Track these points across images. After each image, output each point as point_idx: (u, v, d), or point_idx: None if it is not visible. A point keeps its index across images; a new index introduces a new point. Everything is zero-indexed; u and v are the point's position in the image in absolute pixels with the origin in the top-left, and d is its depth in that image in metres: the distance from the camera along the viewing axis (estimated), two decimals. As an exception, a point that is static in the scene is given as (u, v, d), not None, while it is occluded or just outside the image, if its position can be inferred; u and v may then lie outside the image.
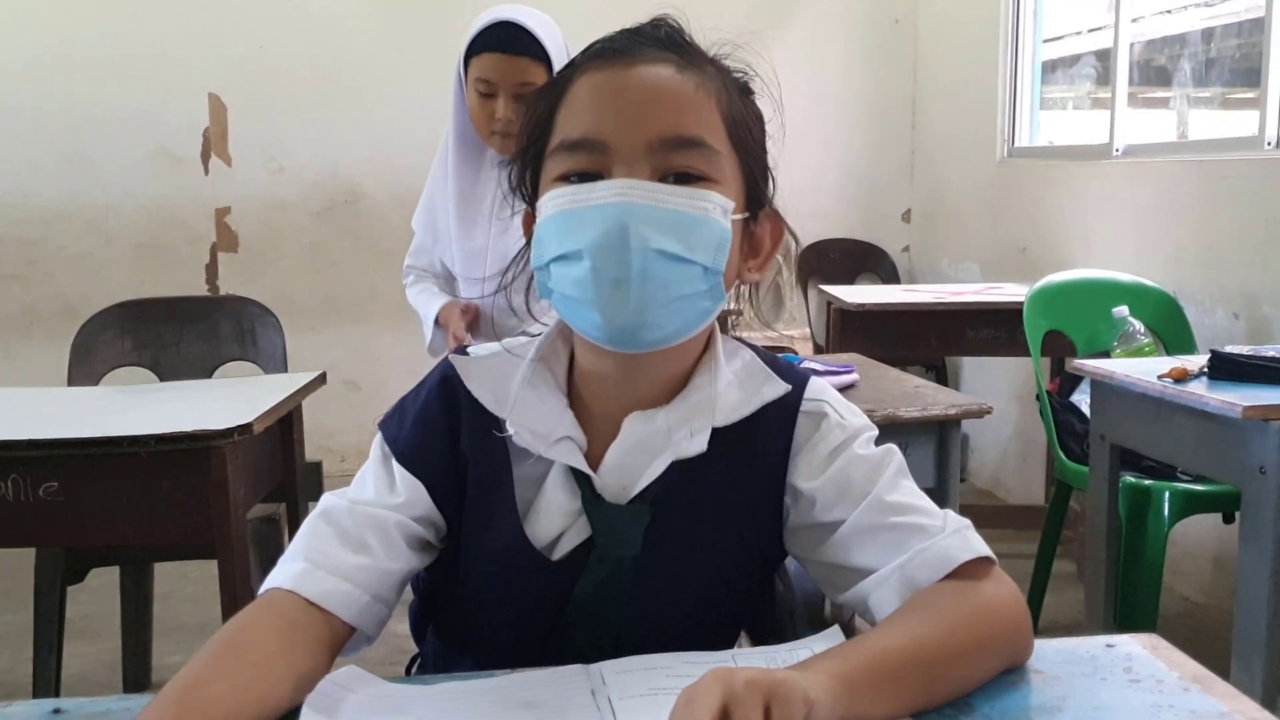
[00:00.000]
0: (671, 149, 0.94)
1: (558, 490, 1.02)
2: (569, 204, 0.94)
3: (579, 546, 1.01)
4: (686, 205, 0.93)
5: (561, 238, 0.94)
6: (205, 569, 2.03)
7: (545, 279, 0.98)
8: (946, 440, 2.12)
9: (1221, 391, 2.05)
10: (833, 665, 0.82)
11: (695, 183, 0.95)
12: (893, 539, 0.97)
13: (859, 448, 1.03)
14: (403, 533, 1.00)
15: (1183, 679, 0.91)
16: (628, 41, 0.99)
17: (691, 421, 1.01)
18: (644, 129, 0.94)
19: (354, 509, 1.00)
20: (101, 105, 4.63)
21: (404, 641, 1.21)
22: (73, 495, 1.94)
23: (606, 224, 0.92)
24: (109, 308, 2.80)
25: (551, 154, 0.97)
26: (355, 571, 0.96)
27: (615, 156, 0.94)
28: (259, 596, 0.95)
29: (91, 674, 2.91)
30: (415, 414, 1.05)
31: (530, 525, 1.02)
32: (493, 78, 2.14)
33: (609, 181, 0.93)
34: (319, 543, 0.97)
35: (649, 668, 0.90)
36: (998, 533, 3.79)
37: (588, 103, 0.96)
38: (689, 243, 0.93)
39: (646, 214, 0.92)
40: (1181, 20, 3.87)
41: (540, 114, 1.00)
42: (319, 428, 4.34)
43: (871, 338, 3.47)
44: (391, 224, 4.82)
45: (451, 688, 0.90)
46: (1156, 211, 3.46)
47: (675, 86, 0.96)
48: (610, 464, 1.01)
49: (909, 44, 5.17)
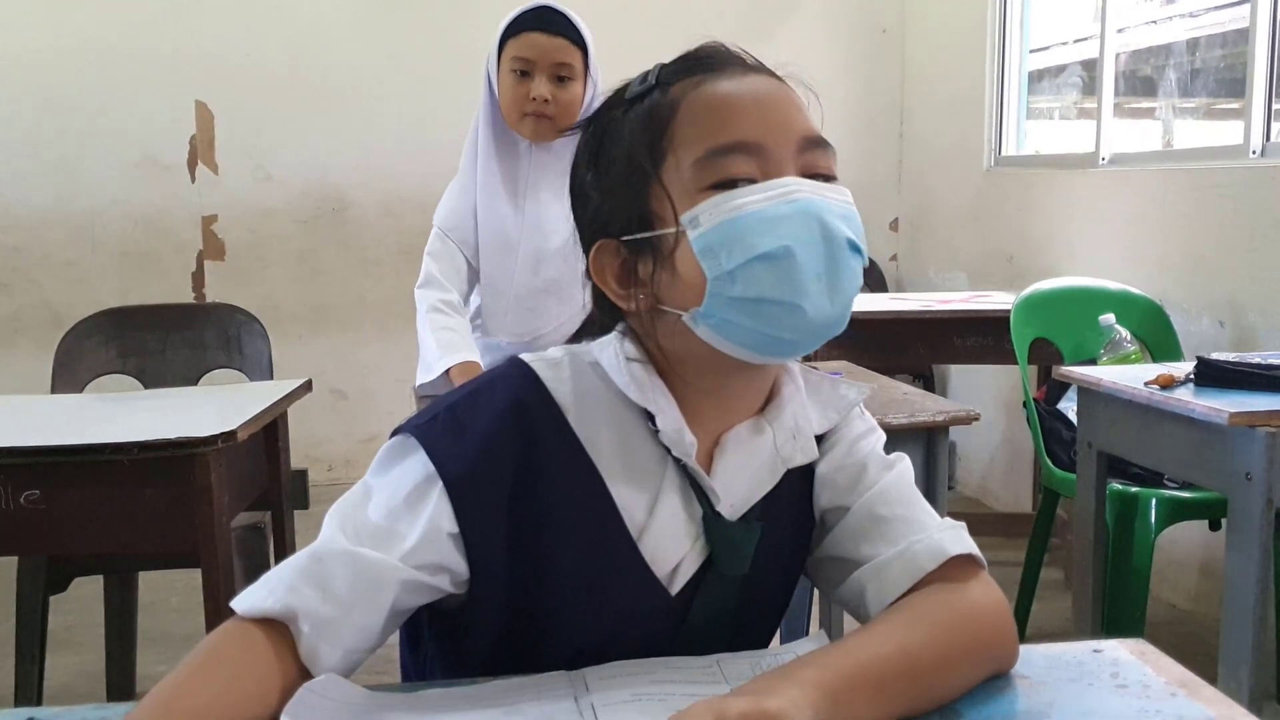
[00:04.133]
0: (812, 149, 0.95)
1: (676, 508, 0.96)
2: (749, 205, 0.91)
3: (696, 570, 0.97)
4: (846, 201, 0.95)
5: (755, 240, 0.90)
6: (190, 578, 2.02)
7: (725, 287, 0.90)
8: (934, 447, 2.11)
9: (1208, 398, 2.05)
10: (817, 674, 0.81)
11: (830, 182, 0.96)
12: (891, 530, 0.98)
13: (874, 438, 1.05)
14: (405, 591, 0.89)
15: (1169, 684, 0.90)
16: (715, 59, 0.98)
17: (794, 430, 1.00)
18: (791, 130, 0.94)
19: (355, 560, 0.88)
20: (88, 112, 4.61)
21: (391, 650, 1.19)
22: (55, 503, 1.93)
23: (802, 219, 0.90)
24: (93, 315, 2.79)
25: (694, 164, 0.93)
26: (342, 630, 0.87)
27: (769, 157, 0.93)
28: (233, 615, 0.89)
29: (74, 684, 2.89)
30: (480, 439, 0.92)
31: (646, 550, 0.95)
32: (532, 55, 2.19)
33: (780, 180, 0.92)
34: (307, 589, 0.87)
35: (632, 674, 0.90)
36: (985, 540, 3.73)
37: (727, 109, 0.94)
38: (859, 234, 0.94)
39: (832, 207, 0.92)
40: (1167, 31, 3.89)
41: (643, 138, 0.95)
42: (306, 436, 4.33)
43: (859, 346, 3.46)
44: (379, 232, 4.82)
45: (433, 695, 0.89)
46: (1143, 220, 3.47)
47: (790, 92, 0.98)
48: (723, 477, 0.97)
49: (896, 53, 5.18)
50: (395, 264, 4.74)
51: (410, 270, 2.40)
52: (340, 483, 4.75)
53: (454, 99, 4.46)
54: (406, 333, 2.42)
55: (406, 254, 4.74)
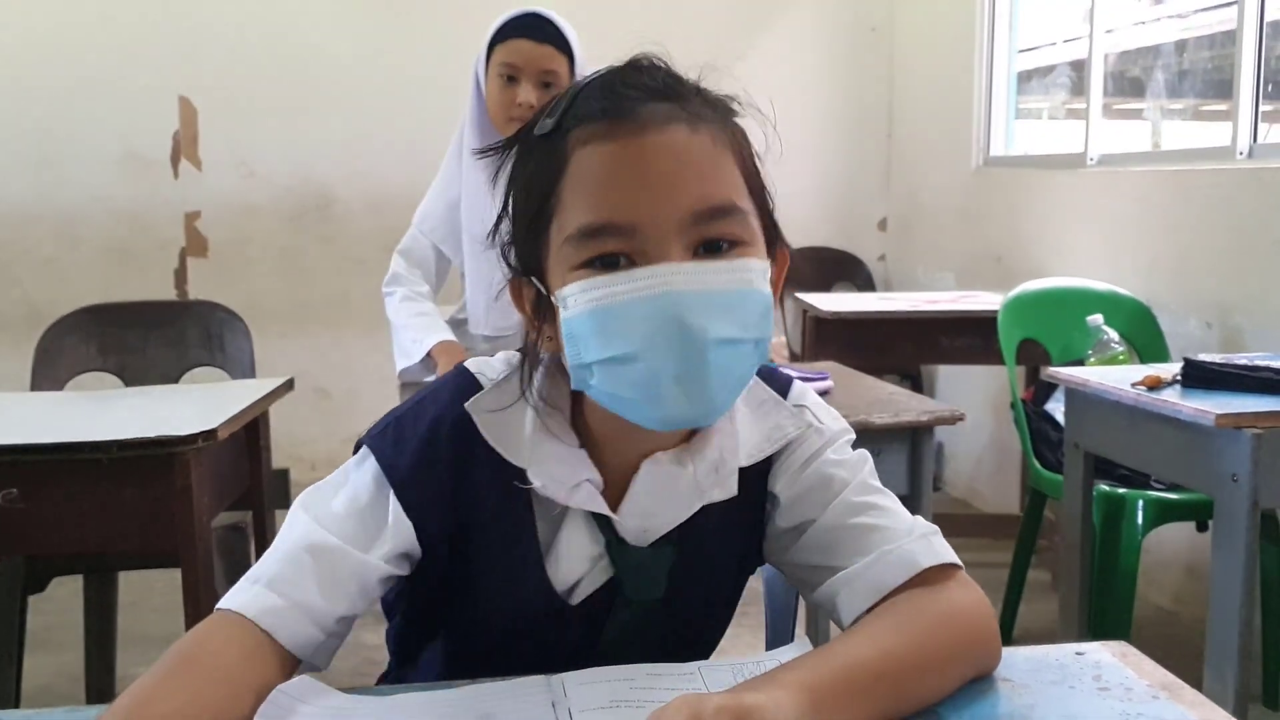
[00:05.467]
0: (705, 220, 0.87)
1: (578, 533, 0.98)
2: (606, 299, 0.86)
3: (601, 589, 0.99)
4: (733, 282, 0.87)
5: (607, 338, 0.86)
6: (171, 579, 2.00)
7: (586, 376, 0.90)
8: (919, 447, 2.10)
9: (1195, 400, 2.05)
10: (798, 677, 0.81)
11: (729, 251, 0.88)
12: (858, 539, 0.97)
13: (834, 452, 1.02)
14: (379, 578, 0.94)
15: (1151, 687, 0.90)
16: (624, 98, 0.88)
17: (718, 463, 0.98)
18: (675, 205, 0.86)
19: (332, 550, 0.92)
20: (69, 107, 4.57)
21: (373, 653, 1.18)
22: (33, 502, 1.90)
23: (659, 319, 0.84)
24: (74, 312, 2.77)
25: (568, 239, 0.88)
26: (316, 611, 0.91)
27: (647, 238, 0.85)
28: (216, 611, 0.91)
29: (54, 686, 2.87)
30: (419, 446, 0.96)
31: (550, 570, 0.98)
32: (518, 62, 2.23)
33: (649, 269, 0.85)
34: (288, 572, 0.91)
35: (611, 679, 0.89)
36: (972, 541, 3.78)
37: (604, 181, 0.87)
38: (742, 321, 0.87)
39: (697, 302, 0.85)
40: (1155, 32, 3.90)
41: (537, 188, 0.91)
42: (289, 435, 4.30)
43: (847, 346, 3.46)
44: (364, 229, 4.79)
45: (407, 699, 0.88)
46: (1131, 221, 3.47)
47: (695, 150, 0.88)
48: (632, 507, 0.97)
49: (885, 52, 5.17)
50: (380, 262, 4.64)
51: (393, 269, 2.42)
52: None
53: (439, 97, 4.44)
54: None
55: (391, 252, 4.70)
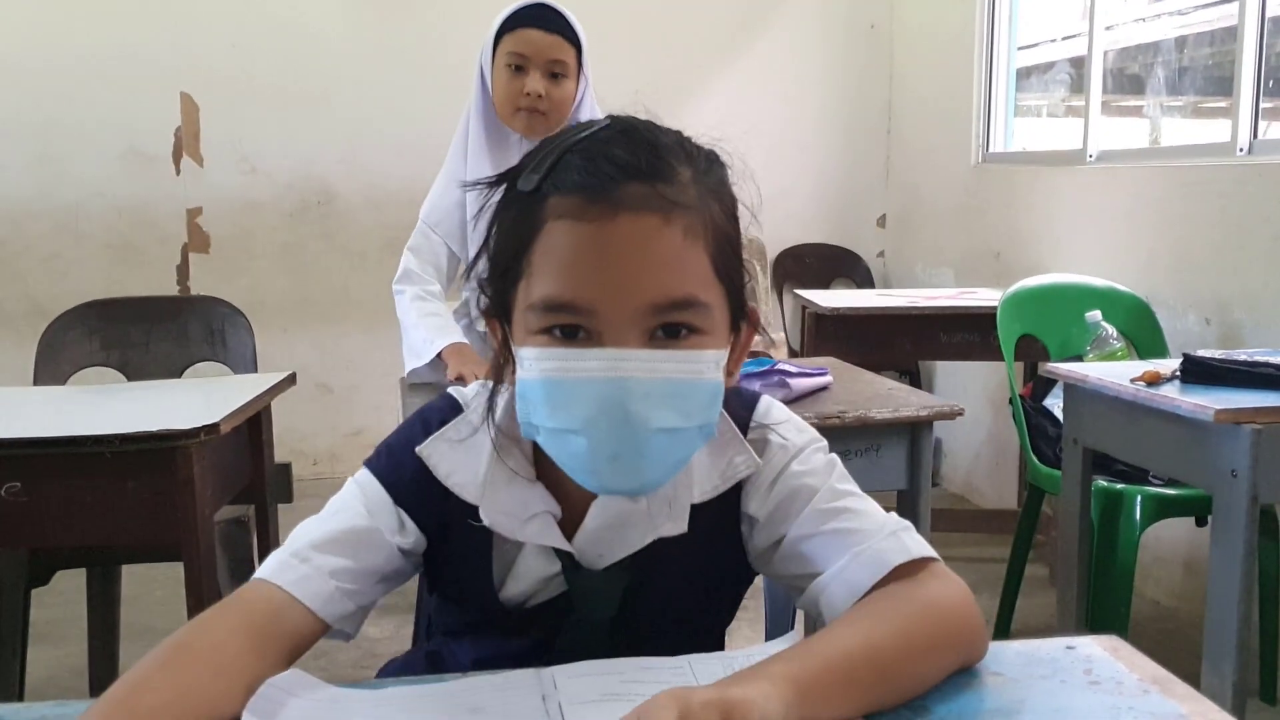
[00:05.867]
0: (664, 311, 0.90)
1: (535, 559, 1.02)
2: (557, 371, 0.89)
3: (555, 603, 1.03)
4: (682, 372, 0.90)
5: (553, 410, 0.90)
6: (173, 572, 2.00)
7: (533, 433, 0.94)
8: (918, 442, 2.11)
9: (1194, 395, 2.05)
10: (784, 669, 0.81)
11: (687, 338, 0.91)
12: (830, 545, 0.99)
13: (799, 464, 1.04)
14: (396, 550, 1.01)
15: (1142, 681, 0.90)
16: (603, 175, 0.89)
17: (671, 499, 1.00)
18: (634, 295, 0.88)
19: (350, 528, 0.99)
20: (72, 104, 4.58)
21: (375, 645, 1.20)
22: (36, 495, 1.91)
23: (603, 402, 0.88)
24: (76, 307, 2.77)
25: (531, 306, 0.91)
26: (340, 572, 0.96)
27: (605, 320, 0.88)
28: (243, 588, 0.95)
29: (57, 678, 2.88)
30: (411, 459, 1.02)
31: (507, 588, 1.04)
32: (527, 52, 2.22)
33: (601, 351, 0.88)
34: (307, 551, 0.97)
35: (602, 673, 0.89)
36: (970, 537, 3.80)
37: (570, 261, 0.89)
38: (686, 410, 0.90)
39: (643, 389, 0.88)
40: (1155, 29, 3.89)
41: (512, 244, 0.93)
42: (291, 430, 4.32)
43: (845, 342, 3.46)
44: (364, 225, 4.80)
45: (397, 693, 0.88)
46: (1129, 217, 3.47)
47: (664, 245, 0.90)
48: (586, 537, 1.01)
49: (884, 50, 5.18)
50: (381, 258, 4.71)
51: (395, 264, 2.41)
52: (325, 477, 4.73)
53: (440, 94, 4.44)
54: (392, 327, 2.42)
55: (392, 248, 4.65)
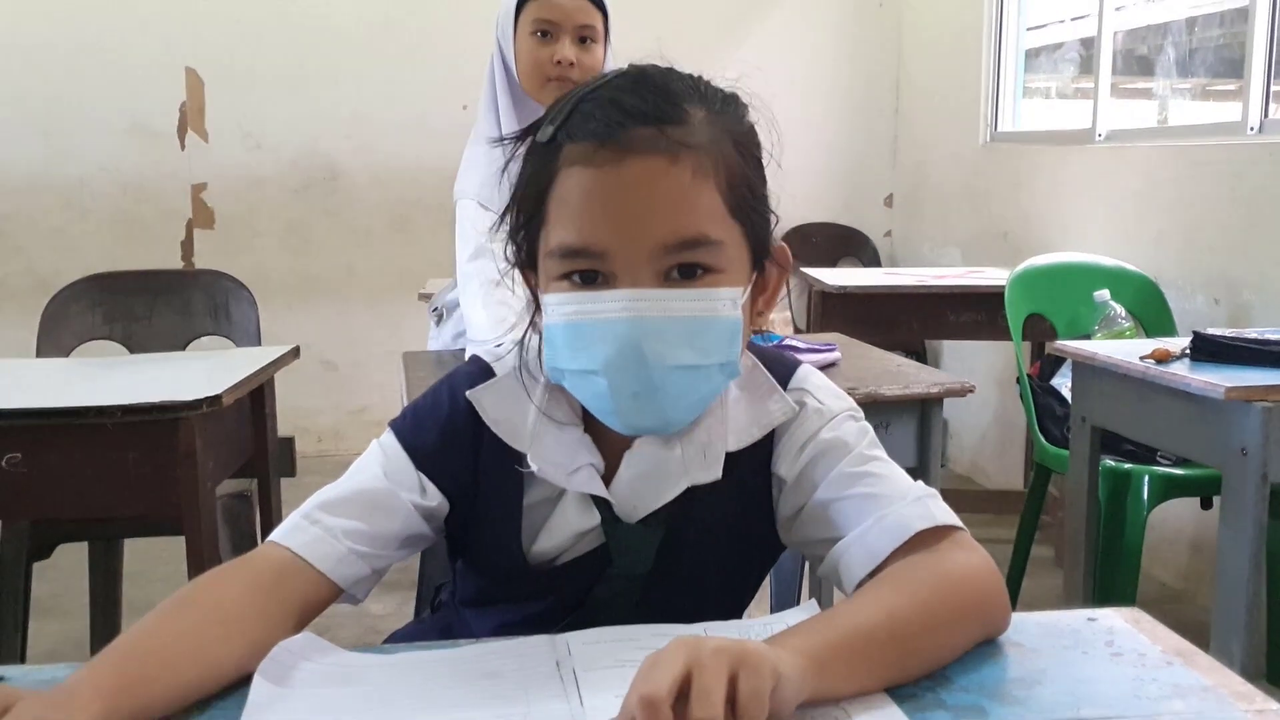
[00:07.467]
0: (675, 251, 0.92)
1: (573, 511, 1.03)
2: (576, 315, 0.93)
3: (590, 559, 1.03)
4: (697, 310, 0.92)
5: (574, 352, 0.94)
6: (176, 546, 1.99)
7: (559, 377, 0.98)
8: (928, 419, 2.09)
9: (1204, 373, 2.03)
10: (802, 641, 0.80)
11: (702, 277, 0.93)
12: (855, 509, 0.98)
13: (830, 429, 1.03)
14: (412, 513, 1.00)
15: (1165, 652, 0.89)
16: (614, 123, 0.92)
17: (705, 446, 1.01)
18: (644, 236, 0.91)
19: (364, 490, 1.00)
20: (77, 79, 4.56)
21: (378, 621, 1.19)
22: (37, 467, 1.89)
23: (620, 342, 0.91)
24: (79, 280, 2.76)
25: (550, 253, 0.95)
26: (352, 533, 0.96)
27: (617, 263, 0.91)
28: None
29: (59, 652, 2.87)
30: (438, 423, 1.03)
31: (539, 544, 1.04)
32: (555, 18, 2.14)
33: (615, 293, 0.91)
34: (318, 513, 0.97)
35: (617, 639, 0.88)
36: (976, 517, 3.78)
37: (581, 207, 0.92)
38: (704, 348, 0.93)
39: (658, 327, 0.91)
40: (1164, 9, 3.86)
41: (532, 194, 0.96)
42: (295, 407, 4.30)
43: (852, 321, 3.44)
44: (369, 203, 4.78)
45: (411, 658, 0.88)
46: (1138, 196, 3.45)
47: (671, 185, 0.92)
48: (623, 486, 1.01)
49: (893, 28, 5.14)
50: (386, 235, 4.70)
51: (400, 241, 2.39)
52: (329, 454, 4.72)
53: (447, 71, 4.43)
54: (396, 304, 2.40)
55: (397, 225, 4.70)
